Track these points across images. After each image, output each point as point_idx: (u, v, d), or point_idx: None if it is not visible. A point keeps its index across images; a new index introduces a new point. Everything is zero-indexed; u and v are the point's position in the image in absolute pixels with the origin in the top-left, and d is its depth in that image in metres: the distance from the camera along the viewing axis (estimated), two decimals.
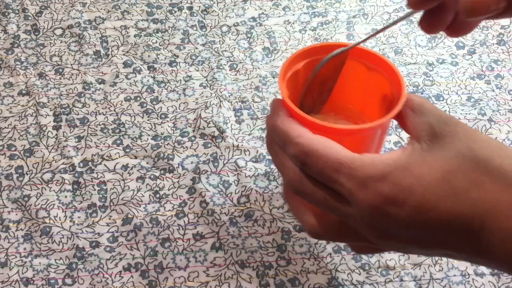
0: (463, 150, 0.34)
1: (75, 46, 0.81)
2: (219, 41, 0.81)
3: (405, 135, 0.71)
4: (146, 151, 0.70)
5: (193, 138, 0.71)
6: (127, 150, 0.70)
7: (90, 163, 0.69)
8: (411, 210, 0.33)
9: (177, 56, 0.79)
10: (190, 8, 0.85)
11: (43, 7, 0.85)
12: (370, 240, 0.38)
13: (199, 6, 0.85)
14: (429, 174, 0.33)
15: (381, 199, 0.33)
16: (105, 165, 0.68)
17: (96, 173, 0.68)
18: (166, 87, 0.76)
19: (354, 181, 0.34)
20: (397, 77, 0.43)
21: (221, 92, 0.75)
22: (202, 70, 0.78)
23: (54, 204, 0.65)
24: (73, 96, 0.75)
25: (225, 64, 0.79)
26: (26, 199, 0.65)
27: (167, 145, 0.70)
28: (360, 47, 0.46)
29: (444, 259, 0.61)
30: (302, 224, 0.43)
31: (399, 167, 0.34)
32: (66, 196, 0.66)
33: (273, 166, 0.68)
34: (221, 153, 0.69)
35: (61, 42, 0.81)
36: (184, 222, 0.64)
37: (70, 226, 0.64)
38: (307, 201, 0.40)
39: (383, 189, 0.33)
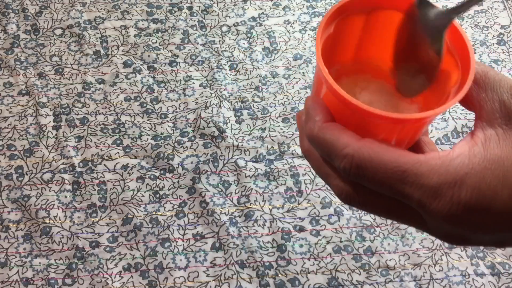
0: None
1: (75, 46, 0.80)
2: (219, 41, 0.81)
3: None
4: (146, 151, 0.70)
5: (193, 138, 0.71)
6: (127, 150, 0.70)
7: (90, 163, 0.69)
8: (498, 216, 0.28)
9: (177, 56, 0.79)
10: (190, 8, 0.85)
11: (43, 7, 0.85)
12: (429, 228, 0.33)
13: (199, 6, 0.85)
14: None
15: (460, 208, 0.28)
16: (105, 165, 0.68)
17: (96, 173, 0.68)
18: (166, 87, 0.76)
19: (424, 190, 0.28)
20: (460, 35, 0.33)
21: (221, 92, 0.75)
22: (202, 70, 0.78)
23: (54, 204, 0.65)
24: (73, 96, 0.75)
25: (225, 64, 0.78)
26: (26, 199, 0.65)
27: (167, 145, 0.70)
28: None
29: (444, 259, 0.61)
30: (331, 188, 0.35)
31: (476, 166, 0.28)
32: (66, 196, 0.66)
33: (273, 166, 0.68)
34: (221, 153, 0.69)
35: (61, 42, 0.81)
36: (184, 222, 0.64)
37: (70, 226, 0.64)
38: (362, 208, 0.34)
39: (461, 195, 0.28)
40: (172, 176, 0.68)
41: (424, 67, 0.34)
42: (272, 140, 0.70)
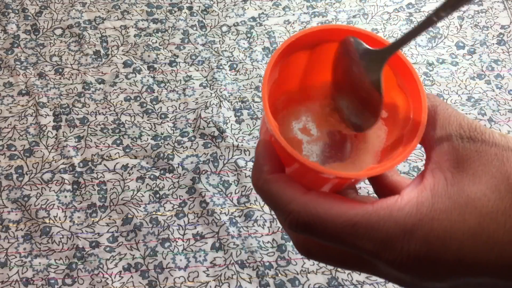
0: (497, 179, 0.28)
1: (75, 46, 0.80)
2: (219, 41, 0.81)
3: None
4: (146, 151, 0.70)
5: (193, 138, 0.71)
6: (127, 150, 0.70)
7: (90, 163, 0.69)
8: (446, 268, 0.28)
9: (177, 56, 0.79)
10: (190, 8, 0.85)
11: (43, 7, 0.85)
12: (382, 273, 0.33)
13: (199, 6, 0.85)
14: (463, 223, 0.28)
15: (411, 259, 0.28)
16: (105, 165, 0.68)
17: (96, 173, 0.68)
18: (166, 87, 0.76)
19: (375, 243, 0.28)
20: (407, 69, 0.32)
21: (221, 92, 0.75)
22: (202, 70, 0.78)
23: (54, 204, 0.65)
24: (73, 96, 0.75)
25: (225, 64, 0.78)
26: (26, 199, 0.65)
27: (167, 145, 0.70)
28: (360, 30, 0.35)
29: None
30: (291, 239, 0.34)
31: (424, 216, 0.28)
32: (66, 196, 0.66)
33: None
34: (221, 153, 0.69)
35: (61, 42, 0.81)
36: (184, 222, 0.64)
37: (70, 226, 0.64)
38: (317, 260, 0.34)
39: (410, 248, 0.28)
40: (172, 176, 0.67)
41: (367, 104, 0.34)
42: None
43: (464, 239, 0.27)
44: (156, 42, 0.81)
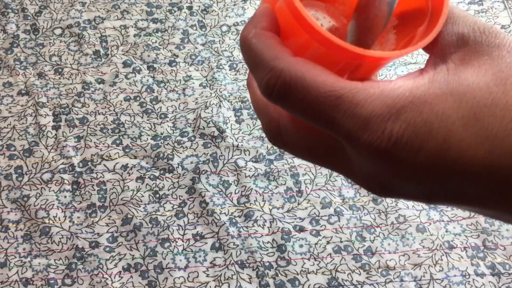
0: (505, 73, 0.25)
1: (74, 46, 0.80)
2: (219, 41, 0.81)
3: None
4: (145, 151, 0.70)
5: (193, 138, 0.71)
6: (127, 150, 0.70)
7: (89, 163, 0.68)
8: (428, 158, 0.25)
9: (177, 56, 0.79)
10: (189, 8, 0.85)
11: (42, 7, 0.84)
12: (354, 181, 0.29)
13: (199, 6, 0.85)
14: (456, 111, 0.25)
15: (389, 142, 0.25)
16: (104, 165, 0.68)
17: (96, 173, 0.68)
18: (165, 87, 0.76)
19: (356, 121, 0.25)
20: None
21: (221, 92, 0.75)
22: (202, 70, 0.78)
23: (53, 204, 0.65)
24: (73, 96, 0.75)
25: (225, 64, 0.78)
26: (25, 199, 0.65)
27: (166, 145, 0.70)
28: None
29: (445, 259, 0.61)
30: (262, 126, 0.31)
31: (416, 99, 0.25)
32: (65, 196, 0.66)
33: (273, 166, 0.68)
34: (221, 153, 0.69)
35: (60, 42, 0.81)
36: (184, 222, 0.64)
37: (70, 226, 0.63)
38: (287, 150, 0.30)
39: (393, 130, 0.25)
40: (172, 176, 0.67)
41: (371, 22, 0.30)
42: None
43: (454, 128, 0.25)
44: (155, 42, 0.81)
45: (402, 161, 0.25)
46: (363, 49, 0.27)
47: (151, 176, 0.67)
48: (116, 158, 0.69)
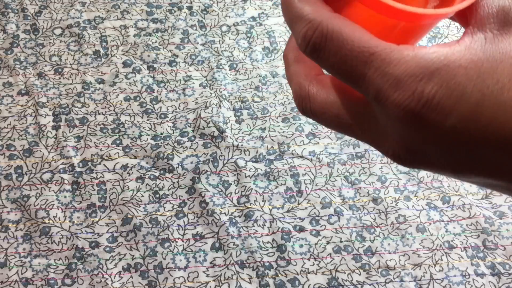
0: None
1: (74, 46, 0.80)
2: (219, 41, 0.81)
3: None
4: (145, 151, 0.70)
5: (192, 138, 0.71)
6: (127, 150, 0.70)
7: (89, 163, 0.68)
8: (460, 122, 0.24)
9: (177, 56, 0.79)
10: (189, 8, 0.85)
11: (42, 7, 0.84)
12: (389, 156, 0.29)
13: (199, 6, 0.85)
14: (492, 76, 0.24)
15: (420, 102, 0.24)
16: (104, 165, 0.68)
17: (96, 173, 0.68)
18: (165, 87, 0.76)
19: (387, 79, 0.25)
20: None
21: (221, 92, 0.75)
22: (202, 70, 0.78)
23: (53, 204, 0.65)
24: (73, 96, 0.75)
25: (225, 64, 0.78)
26: (25, 199, 0.65)
27: (166, 145, 0.70)
28: None
29: (445, 259, 0.61)
30: (293, 94, 0.31)
31: (451, 63, 0.25)
32: (65, 196, 0.66)
33: (273, 166, 0.68)
34: (221, 153, 0.69)
35: (60, 42, 0.81)
36: (184, 222, 0.64)
37: (70, 226, 0.63)
38: (317, 120, 0.30)
39: (425, 91, 0.24)
40: (171, 176, 0.67)
41: None
42: (272, 140, 0.70)
43: (488, 92, 0.24)
44: (155, 42, 0.81)
45: (432, 124, 0.25)
46: (404, 5, 0.26)
47: (151, 176, 0.67)
48: (116, 158, 0.69)
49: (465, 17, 0.28)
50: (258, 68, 0.78)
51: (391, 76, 0.25)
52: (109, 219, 0.64)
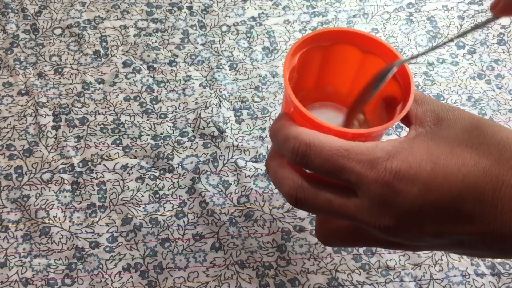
0: (467, 126, 0.34)
1: (74, 46, 0.80)
2: (219, 41, 0.81)
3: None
4: (145, 151, 0.70)
5: (192, 138, 0.71)
6: (127, 150, 0.70)
7: (89, 163, 0.68)
8: (423, 186, 0.33)
9: (177, 56, 0.79)
10: (189, 8, 0.85)
11: (42, 7, 0.84)
12: (378, 240, 0.37)
13: (199, 6, 0.85)
14: (437, 150, 0.34)
15: (391, 175, 0.33)
16: (104, 165, 0.68)
17: (96, 173, 0.68)
18: (165, 87, 0.76)
19: (363, 164, 0.34)
20: (403, 68, 0.41)
21: (221, 92, 0.75)
22: (201, 70, 0.78)
23: (53, 204, 0.65)
24: (73, 96, 0.75)
25: (225, 64, 0.78)
26: (25, 199, 0.65)
27: (166, 145, 0.70)
28: (359, 32, 0.44)
29: (445, 259, 0.61)
30: (284, 193, 0.41)
31: (406, 147, 0.34)
32: (65, 196, 0.66)
33: None
34: (221, 153, 0.69)
35: (60, 42, 0.81)
36: (184, 222, 0.64)
37: (70, 226, 0.63)
38: (310, 211, 0.40)
39: (393, 166, 0.34)
40: (171, 176, 0.67)
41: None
42: None
43: (437, 161, 0.33)
44: (155, 42, 0.81)
45: (404, 190, 0.33)
46: (345, 128, 0.39)
47: (151, 176, 0.67)
48: (116, 158, 0.69)
49: (407, 122, 0.39)
50: (258, 68, 0.78)
51: (365, 162, 0.34)
52: (109, 219, 0.64)
